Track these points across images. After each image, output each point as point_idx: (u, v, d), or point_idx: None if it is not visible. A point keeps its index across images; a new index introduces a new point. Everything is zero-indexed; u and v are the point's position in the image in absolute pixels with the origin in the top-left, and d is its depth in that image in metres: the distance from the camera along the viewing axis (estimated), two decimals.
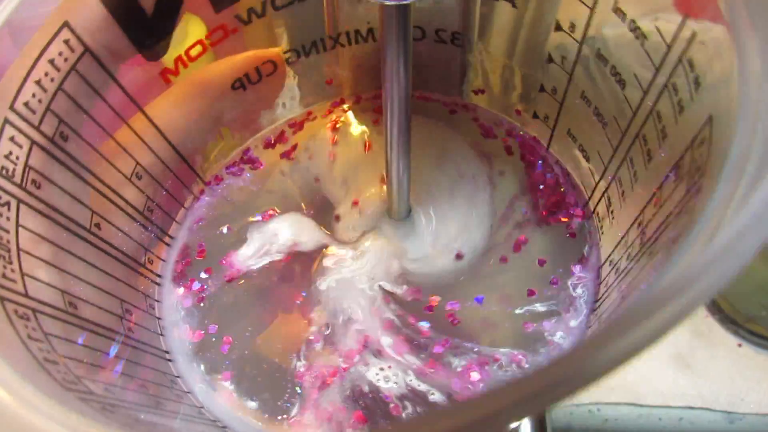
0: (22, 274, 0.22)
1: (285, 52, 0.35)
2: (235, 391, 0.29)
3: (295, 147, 0.37)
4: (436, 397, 0.28)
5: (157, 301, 0.32)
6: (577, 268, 0.30)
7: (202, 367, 0.30)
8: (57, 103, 0.25)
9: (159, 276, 0.33)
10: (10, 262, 0.22)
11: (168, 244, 0.34)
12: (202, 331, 0.31)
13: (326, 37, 0.35)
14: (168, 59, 0.31)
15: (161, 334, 0.31)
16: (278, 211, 0.35)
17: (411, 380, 0.29)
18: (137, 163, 0.31)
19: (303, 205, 0.35)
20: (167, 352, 0.31)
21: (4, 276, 0.21)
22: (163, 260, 0.34)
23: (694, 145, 0.21)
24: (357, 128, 0.38)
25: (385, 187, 0.34)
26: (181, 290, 0.33)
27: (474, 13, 0.33)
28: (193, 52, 0.32)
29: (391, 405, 0.28)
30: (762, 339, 0.41)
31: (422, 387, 0.28)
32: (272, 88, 0.36)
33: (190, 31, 0.31)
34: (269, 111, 0.38)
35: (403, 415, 0.28)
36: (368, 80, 0.38)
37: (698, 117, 0.21)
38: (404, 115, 0.28)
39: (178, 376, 0.30)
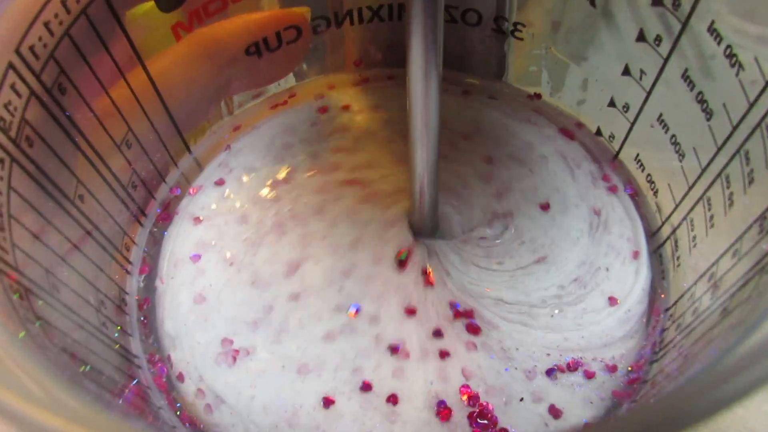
0: (13, 245, 0.26)
1: (313, 19, 0.39)
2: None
3: None
4: None
5: (127, 293, 0.36)
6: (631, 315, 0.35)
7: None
8: (61, 50, 0.29)
9: (131, 263, 0.37)
10: (2, 229, 0.25)
11: (142, 224, 0.38)
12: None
13: (365, 7, 0.39)
14: (182, 12, 0.34)
15: (130, 334, 0.35)
16: None
17: None
18: (129, 128, 0.34)
19: None
20: (137, 357, 0.34)
21: None
22: (136, 244, 0.37)
23: None
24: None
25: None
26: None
27: None
28: (212, 8, 0.35)
29: None
30: None
31: None
32: (291, 58, 0.40)
33: None
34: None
35: None
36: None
37: None
38: (434, 98, 0.30)
39: (148, 387, 0.33)
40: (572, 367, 0.33)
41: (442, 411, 0.32)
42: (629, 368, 0.33)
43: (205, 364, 0.34)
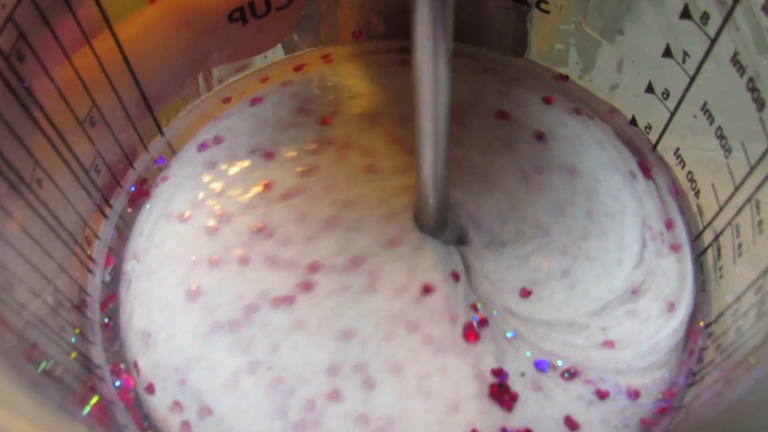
0: None
1: None
2: None
3: None
4: None
5: (89, 294, 0.35)
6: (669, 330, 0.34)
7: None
8: (21, 12, 0.28)
9: (92, 260, 0.35)
10: None
11: (106, 215, 0.37)
12: None
13: None
14: None
15: (91, 342, 0.34)
16: None
17: None
18: (94, 103, 0.33)
19: None
20: (99, 367, 0.33)
21: None
22: (99, 238, 0.36)
23: None
24: None
25: None
26: None
27: None
28: None
29: None
30: None
31: None
32: (280, 27, 0.39)
33: None
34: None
35: None
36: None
37: None
38: (445, 77, 0.29)
39: (112, 403, 0.32)
40: (568, 375, 0.33)
41: (470, 333, 0.33)
42: (659, 396, 0.33)
43: (198, 352, 0.33)
